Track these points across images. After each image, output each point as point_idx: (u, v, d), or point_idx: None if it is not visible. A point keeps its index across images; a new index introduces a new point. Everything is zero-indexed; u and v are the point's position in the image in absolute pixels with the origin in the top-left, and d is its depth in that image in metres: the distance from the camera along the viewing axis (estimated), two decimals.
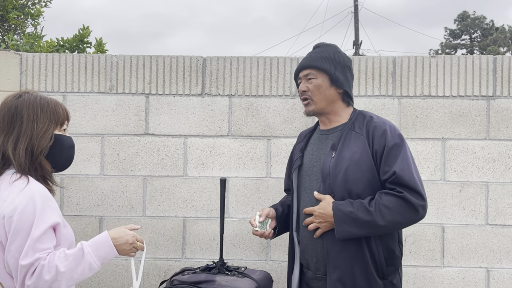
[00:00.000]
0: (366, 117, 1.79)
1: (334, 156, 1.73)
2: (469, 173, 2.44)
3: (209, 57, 2.54)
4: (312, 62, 1.80)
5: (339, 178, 1.70)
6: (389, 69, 2.49)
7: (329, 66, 1.79)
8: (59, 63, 2.56)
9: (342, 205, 1.67)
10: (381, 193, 1.68)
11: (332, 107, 1.82)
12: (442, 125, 2.46)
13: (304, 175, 1.85)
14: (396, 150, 1.69)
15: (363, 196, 1.70)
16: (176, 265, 2.50)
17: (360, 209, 1.65)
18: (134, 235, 1.54)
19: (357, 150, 1.71)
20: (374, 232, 1.68)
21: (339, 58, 1.82)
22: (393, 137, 1.71)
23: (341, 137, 1.77)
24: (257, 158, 2.50)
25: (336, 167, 1.71)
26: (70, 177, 2.54)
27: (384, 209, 1.64)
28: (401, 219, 1.67)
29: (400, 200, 1.65)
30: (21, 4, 3.73)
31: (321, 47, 1.86)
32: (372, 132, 1.73)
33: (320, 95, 1.79)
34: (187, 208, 2.51)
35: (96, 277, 2.50)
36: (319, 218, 1.71)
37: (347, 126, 1.79)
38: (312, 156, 1.85)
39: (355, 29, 19.20)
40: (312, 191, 1.78)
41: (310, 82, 1.80)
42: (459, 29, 28.61)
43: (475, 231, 2.43)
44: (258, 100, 2.52)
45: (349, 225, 1.65)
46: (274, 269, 2.46)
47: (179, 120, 2.53)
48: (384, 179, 1.68)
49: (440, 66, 2.48)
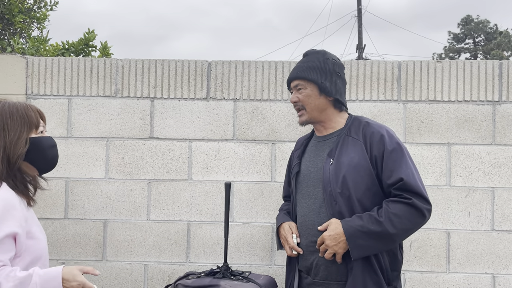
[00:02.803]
0: (362, 123, 1.79)
1: (332, 163, 1.73)
2: (475, 179, 2.43)
3: (214, 61, 2.54)
4: (299, 73, 1.81)
5: (339, 185, 1.70)
6: (394, 74, 2.48)
7: (316, 75, 1.79)
8: (64, 67, 2.57)
9: (350, 221, 1.66)
10: (388, 201, 1.68)
11: (324, 115, 1.82)
12: (447, 130, 2.45)
13: (302, 181, 1.85)
14: (396, 154, 1.69)
15: (364, 201, 1.69)
16: (180, 269, 2.50)
17: (370, 221, 1.63)
18: (81, 283, 1.44)
19: (354, 156, 1.71)
20: (387, 243, 1.67)
21: (326, 66, 1.82)
22: (391, 141, 1.71)
23: (337, 143, 1.77)
24: (261, 162, 2.50)
25: (335, 173, 1.71)
26: (75, 181, 2.54)
27: (394, 217, 1.63)
28: (411, 225, 1.67)
29: (408, 207, 1.65)
30: (27, 8, 3.76)
31: (309, 55, 1.86)
32: (370, 138, 1.72)
33: (311, 105, 1.80)
34: (192, 212, 2.51)
35: (99, 281, 2.50)
36: (333, 241, 1.67)
37: (343, 132, 1.79)
38: (309, 162, 1.85)
39: (358, 32, 19.20)
40: (310, 197, 1.79)
41: (300, 92, 1.81)
42: (463, 33, 28.57)
43: (481, 237, 2.42)
44: (263, 104, 2.52)
45: (362, 239, 1.63)
46: (278, 274, 2.45)
47: (184, 124, 2.53)
48: (390, 183, 1.68)
49: (446, 70, 2.47)
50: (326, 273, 1.74)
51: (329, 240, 1.66)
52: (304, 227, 1.81)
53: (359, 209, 1.70)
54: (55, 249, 2.53)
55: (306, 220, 1.80)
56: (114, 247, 2.52)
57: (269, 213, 2.49)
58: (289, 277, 1.92)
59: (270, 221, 2.48)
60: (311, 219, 1.78)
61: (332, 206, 1.72)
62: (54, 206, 2.54)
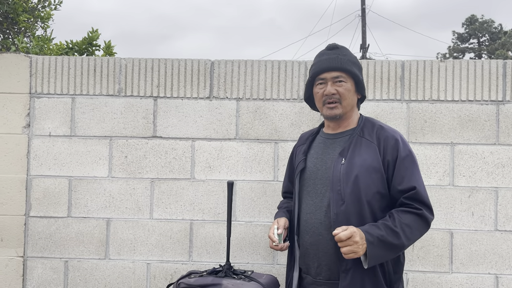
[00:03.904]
0: (375, 125, 1.77)
1: (344, 162, 1.70)
2: (478, 178, 2.42)
3: (217, 61, 2.54)
4: (344, 65, 1.74)
5: (349, 185, 1.67)
6: (398, 73, 2.48)
7: (357, 71, 1.77)
8: (68, 66, 2.58)
9: (370, 229, 1.62)
10: (399, 211, 1.66)
11: (350, 112, 1.79)
12: (451, 129, 2.44)
13: (307, 178, 1.81)
14: (408, 162, 1.69)
15: (373, 203, 1.68)
16: (182, 268, 2.50)
17: (387, 231, 1.61)
18: None
19: (367, 158, 1.69)
20: (397, 253, 1.66)
21: (358, 62, 1.81)
22: (404, 148, 1.71)
23: (350, 143, 1.74)
24: (264, 162, 2.50)
25: (347, 174, 1.68)
26: (78, 179, 2.55)
27: (407, 228, 1.63)
28: (419, 236, 1.69)
29: (418, 217, 1.66)
30: (31, 7, 3.77)
31: (340, 48, 1.80)
32: (384, 141, 1.71)
33: (347, 100, 1.75)
34: (194, 211, 2.52)
35: (102, 279, 2.51)
36: (361, 240, 1.58)
37: (356, 132, 1.76)
38: (316, 160, 1.81)
39: (362, 32, 19.17)
40: (317, 195, 1.76)
41: (340, 85, 1.74)
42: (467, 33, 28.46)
43: (484, 237, 2.41)
44: (265, 103, 2.52)
45: (380, 248, 1.60)
46: (281, 273, 2.45)
47: (187, 123, 2.53)
48: (400, 189, 1.67)
49: (449, 70, 2.46)
50: (329, 273, 1.72)
51: (359, 238, 1.57)
52: (309, 225, 1.76)
53: (367, 211, 1.68)
54: (58, 247, 2.54)
55: (311, 218, 1.76)
56: (117, 246, 2.53)
57: (271, 212, 2.49)
58: (289, 274, 1.90)
59: (272, 220, 2.48)
60: (318, 217, 1.74)
61: (338, 206, 1.68)
62: (57, 205, 2.55)
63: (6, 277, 2.54)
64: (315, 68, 1.79)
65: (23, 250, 2.54)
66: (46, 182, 2.55)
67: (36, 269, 2.54)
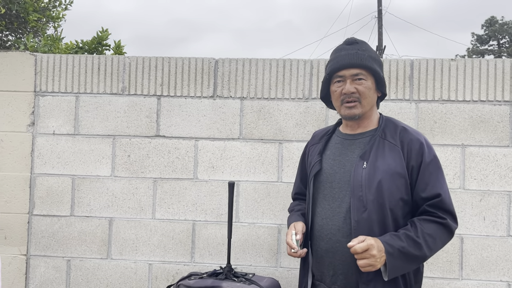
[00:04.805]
0: (398, 127, 1.66)
1: (366, 166, 1.59)
2: (490, 182, 2.33)
3: (221, 59, 2.51)
4: (364, 62, 1.61)
5: (372, 191, 1.55)
6: (407, 72, 2.40)
7: (377, 67, 1.64)
8: (72, 64, 2.57)
9: (390, 240, 1.52)
10: (421, 220, 1.57)
11: (370, 112, 1.67)
12: (462, 131, 2.36)
13: (323, 181, 1.68)
14: (433, 167, 1.59)
15: (396, 210, 1.58)
16: (184, 269, 2.47)
17: (409, 242, 1.52)
18: None
19: (391, 162, 1.58)
20: (418, 264, 1.58)
21: (379, 58, 1.70)
22: (429, 152, 1.61)
23: (372, 145, 1.62)
24: (268, 162, 2.45)
25: (369, 179, 1.56)
26: (81, 178, 2.54)
27: (429, 238, 1.54)
28: (441, 246, 1.60)
29: (442, 227, 1.57)
30: (42, 7, 3.79)
31: (359, 43, 1.66)
32: (408, 145, 1.60)
33: (368, 99, 1.63)
34: (197, 212, 2.48)
35: (104, 279, 2.49)
36: (379, 253, 1.49)
37: (377, 133, 1.64)
38: (333, 161, 1.68)
39: (378, 34, 18.96)
40: (334, 200, 1.63)
41: (360, 83, 1.62)
42: (487, 35, 27.95)
43: (496, 243, 2.32)
44: (270, 103, 2.47)
45: (401, 260, 1.51)
46: (284, 276, 2.40)
47: (190, 122, 2.50)
48: (424, 197, 1.57)
49: (461, 69, 2.38)
50: (345, 282, 1.61)
51: (376, 250, 1.48)
52: (325, 230, 1.64)
53: (390, 219, 1.58)
54: (61, 246, 2.53)
55: (328, 223, 1.63)
56: (119, 246, 2.50)
57: (275, 214, 2.43)
58: (302, 281, 1.78)
59: (276, 222, 2.43)
60: (335, 223, 1.61)
61: (359, 213, 1.56)
62: (60, 203, 2.54)
63: (9, 275, 2.54)
64: (333, 65, 1.65)
65: (26, 249, 2.54)
66: (49, 180, 2.55)
67: (39, 268, 2.54)
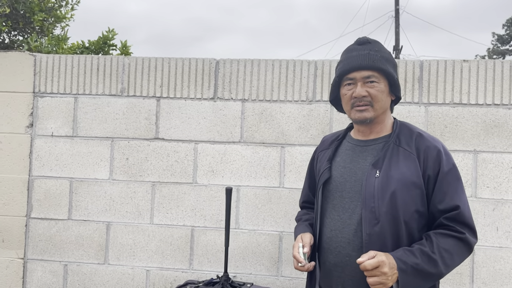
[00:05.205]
0: (414, 132, 1.55)
1: (379, 175, 1.48)
2: (504, 190, 2.20)
3: (222, 60, 2.43)
4: (376, 63, 1.51)
5: (385, 203, 1.45)
6: (416, 74, 2.29)
7: (391, 69, 1.53)
8: (72, 64, 2.52)
9: (403, 256, 1.42)
10: (438, 234, 1.46)
11: (383, 116, 1.56)
12: (474, 136, 2.23)
13: (333, 190, 1.58)
14: (451, 177, 1.48)
15: (411, 223, 1.47)
16: (182, 276, 2.39)
17: (423, 259, 1.42)
18: None
19: (406, 171, 1.48)
20: (434, 281, 1.48)
21: (392, 58, 1.58)
22: (448, 160, 1.49)
23: (386, 152, 1.52)
24: (269, 167, 2.36)
25: (383, 189, 1.47)
26: (79, 181, 2.48)
27: (446, 254, 1.43)
28: (459, 262, 1.48)
29: (461, 242, 1.45)
30: (48, 7, 3.77)
31: (372, 43, 1.56)
32: (425, 152, 1.49)
33: (380, 103, 1.52)
34: (196, 217, 2.40)
35: (101, 285, 2.43)
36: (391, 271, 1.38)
37: (392, 139, 1.53)
38: (344, 169, 1.58)
39: (395, 33, 18.68)
40: (345, 211, 1.53)
41: (372, 86, 1.51)
42: (508, 35, 27.31)
43: (510, 255, 2.19)
44: (272, 105, 2.38)
45: (414, 277, 1.41)
46: (285, 286, 2.31)
47: (190, 124, 2.42)
48: (442, 209, 1.46)
49: (473, 71, 2.25)
50: None
51: (388, 268, 1.38)
52: (334, 243, 1.54)
53: (404, 233, 1.47)
54: (58, 250, 2.48)
55: (337, 235, 1.54)
56: (116, 251, 2.44)
57: (276, 220, 2.34)
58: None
59: (277, 229, 2.34)
60: (345, 236, 1.52)
61: (371, 226, 1.47)
62: (58, 206, 2.49)
63: (6, 279, 2.50)
64: (343, 66, 1.55)
65: (24, 252, 2.50)
66: (47, 183, 2.50)
67: (36, 272, 2.49)
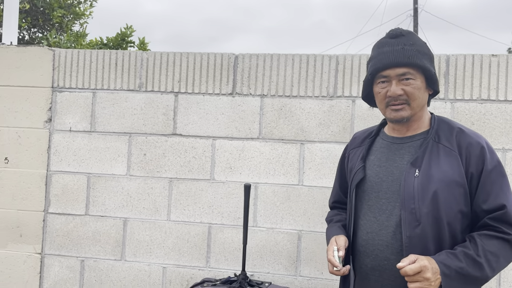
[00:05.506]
0: (454, 128, 1.46)
1: (418, 174, 1.41)
2: None
3: (241, 54, 2.38)
4: (412, 59, 1.42)
5: (426, 203, 1.39)
6: (442, 69, 2.21)
7: (428, 63, 1.44)
8: (90, 59, 2.51)
9: (446, 259, 1.35)
10: (482, 236, 1.38)
11: (421, 112, 1.48)
12: (502, 133, 2.14)
13: (369, 191, 1.51)
14: (496, 175, 1.40)
15: (455, 225, 1.40)
16: (199, 274, 2.36)
17: (468, 262, 1.35)
18: None
19: (448, 170, 1.40)
20: (479, 286, 1.41)
21: (429, 50, 1.47)
22: (492, 157, 1.41)
23: (424, 150, 1.44)
24: (288, 164, 2.31)
25: (423, 189, 1.39)
26: (97, 176, 2.47)
27: (492, 257, 1.36)
28: (505, 265, 1.40)
29: (507, 244, 1.37)
30: (67, 4, 3.79)
31: (406, 36, 1.46)
32: (467, 149, 1.41)
33: (417, 100, 1.44)
34: (213, 214, 2.37)
35: (117, 281, 2.42)
36: (434, 276, 1.33)
37: (430, 136, 1.46)
38: (379, 168, 1.50)
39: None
40: (382, 212, 1.46)
41: (408, 83, 1.43)
42: None
43: None
44: (292, 101, 2.32)
45: (458, 282, 1.34)
46: (303, 286, 2.25)
47: (208, 120, 2.39)
48: (486, 209, 1.39)
49: (502, 66, 2.16)
50: None
51: (431, 273, 1.31)
52: (370, 246, 1.47)
53: (447, 234, 1.40)
54: (75, 246, 2.47)
55: (374, 238, 1.47)
56: (133, 247, 2.42)
57: (295, 219, 2.29)
58: None
59: (296, 228, 2.29)
60: (383, 239, 1.45)
61: (412, 228, 1.40)
62: (76, 202, 2.48)
63: (24, 273, 2.50)
64: (375, 64, 1.46)
65: (41, 247, 2.50)
66: (65, 178, 2.50)
67: (53, 267, 2.49)
